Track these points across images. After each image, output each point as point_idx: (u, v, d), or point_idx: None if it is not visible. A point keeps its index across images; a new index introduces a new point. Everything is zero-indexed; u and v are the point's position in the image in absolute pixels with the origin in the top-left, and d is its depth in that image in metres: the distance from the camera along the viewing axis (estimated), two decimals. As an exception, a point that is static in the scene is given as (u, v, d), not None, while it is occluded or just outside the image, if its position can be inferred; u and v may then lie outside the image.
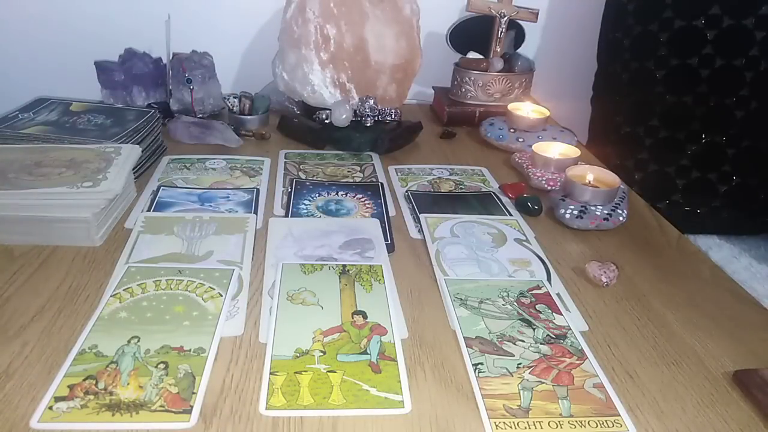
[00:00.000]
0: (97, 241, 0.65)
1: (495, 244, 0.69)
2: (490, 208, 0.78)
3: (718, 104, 1.11)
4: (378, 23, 1.00)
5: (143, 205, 0.74)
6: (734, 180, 1.16)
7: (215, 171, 0.85)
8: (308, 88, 1.00)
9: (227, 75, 1.22)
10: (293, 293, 0.56)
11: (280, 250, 0.65)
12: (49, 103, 0.91)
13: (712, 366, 0.51)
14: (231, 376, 0.47)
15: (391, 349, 0.49)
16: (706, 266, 0.68)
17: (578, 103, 1.31)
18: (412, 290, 0.60)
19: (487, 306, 0.56)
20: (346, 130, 0.95)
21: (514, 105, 1.04)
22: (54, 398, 0.43)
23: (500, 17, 1.10)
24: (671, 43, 1.10)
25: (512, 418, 0.43)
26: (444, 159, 0.96)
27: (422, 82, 1.21)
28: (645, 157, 1.18)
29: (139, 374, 0.45)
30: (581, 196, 0.75)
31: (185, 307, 0.53)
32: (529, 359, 0.49)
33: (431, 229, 0.71)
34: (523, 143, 0.98)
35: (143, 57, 1.05)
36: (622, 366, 0.50)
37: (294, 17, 0.98)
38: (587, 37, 1.26)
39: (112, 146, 0.76)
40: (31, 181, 0.66)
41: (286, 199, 0.78)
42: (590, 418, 0.44)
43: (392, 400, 0.44)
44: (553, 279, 0.63)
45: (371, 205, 0.77)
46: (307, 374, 0.46)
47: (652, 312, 0.58)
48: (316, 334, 0.51)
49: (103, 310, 0.52)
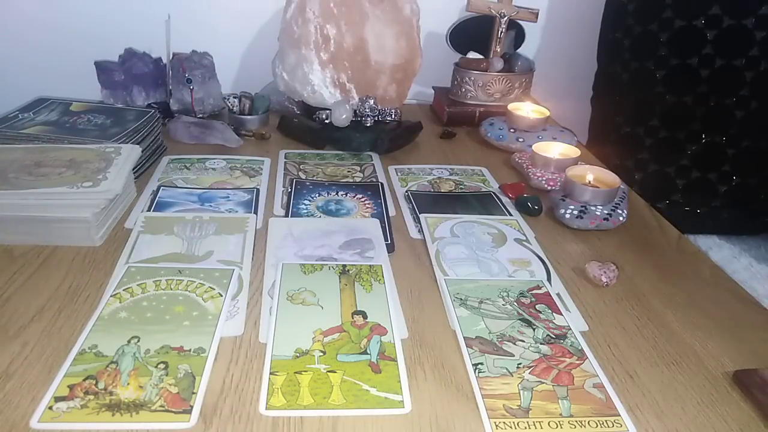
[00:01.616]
0: (97, 241, 0.65)
1: (495, 244, 0.69)
2: (490, 208, 0.78)
3: (718, 104, 1.11)
4: (378, 23, 1.00)
5: (143, 205, 0.74)
6: (734, 180, 1.16)
7: (215, 171, 0.85)
8: (308, 88, 1.00)
9: (227, 75, 1.22)
10: (293, 293, 0.56)
11: (280, 250, 0.65)
12: (49, 103, 0.91)
13: (712, 366, 0.51)
14: (231, 376, 0.47)
15: (391, 349, 0.49)
16: (706, 266, 0.68)
17: (578, 103, 1.31)
18: (412, 290, 0.60)
19: (487, 306, 0.56)
20: (346, 130, 0.95)
21: (514, 105, 1.04)
22: (54, 398, 0.43)
23: (500, 17, 1.10)
24: (671, 43, 1.10)
25: (512, 418, 0.43)
26: (444, 159, 0.96)
27: (422, 82, 1.21)
28: (645, 157, 1.18)
29: (139, 374, 0.45)
30: (581, 196, 0.75)
31: (185, 307, 0.53)
32: (529, 359, 0.49)
33: (431, 229, 0.71)
34: (523, 143, 0.98)
35: (143, 57, 1.05)
36: (622, 366, 0.50)
37: (294, 17, 0.98)
38: (587, 37, 1.26)
39: (112, 146, 0.76)
40: (31, 181, 0.66)
41: (286, 199, 0.78)
42: (590, 418, 0.44)
43: (392, 400, 0.44)
44: (553, 279, 0.63)
45: (371, 205, 0.77)
46: (307, 374, 0.46)
47: (652, 312, 0.58)
48: (316, 334, 0.51)
49: (103, 310, 0.52)
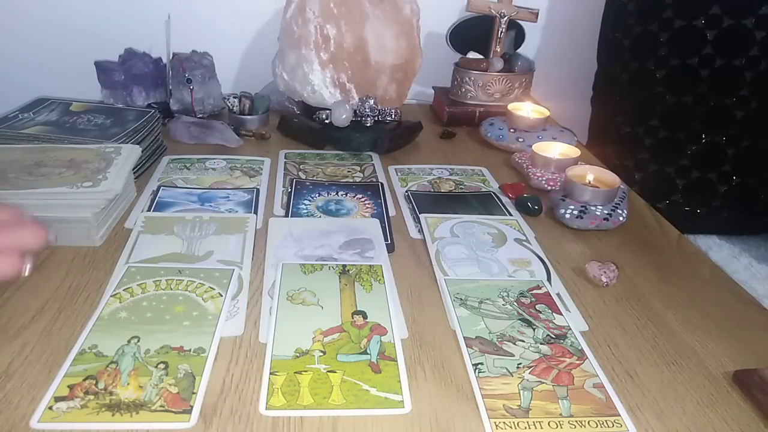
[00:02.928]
0: (97, 241, 0.65)
1: (495, 244, 0.69)
2: (490, 208, 0.78)
3: (718, 104, 1.11)
4: (378, 23, 1.00)
5: (143, 205, 0.74)
6: (734, 180, 1.16)
7: (215, 171, 0.85)
8: (308, 88, 1.00)
9: (227, 75, 1.22)
10: (293, 293, 0.56)
11: (280, 250, 0.65)
12: (49, 103, 0.91)
13: (712, 366, 0.51)
14: (231, 376, 0.47)
15: (391, 349, 0.49)
16: (706, 266, 0.68)
17: (578, 103, 1.31)
18: (412, 290, 0.60)
19: (487, 306, 0.56)
20: (346, 130, 0.95)
21: (514, 105, 1.04)
22: (54, 398, 0.43)
23: (500, 17, 1.10)
24: (671, 43, 1.10)
25: (512, 418, 0.43)
26: (444, 159, 0.96)
27: (422, 82, 1.21)
28: (645, 157, 1.18)
29: (139, 374, 0.45)
30: (581, 196, 0.75)
31: (185, 307, 0.53)
32: (529, 359, 0.49)
33: (431, 229, 0.71)
34: (523, 143, 0.98)
35: (143, 57, 1.05)
36: (622, 366, 0.50)
37: (294, 17, 0.98)
38: (587, 37, 1.26)
39: (112, 146, 0.76)
40: (31, 181, 0.66)
41: (286, 199, 0.78)
42: (590, 418, 0.44)
43: (392, 400, 0.44)
44: (553, 279, 0.63)
45: (371, 205, 0.77)
46: (307, 374, 0.46)
47: (652, 312, 0.58)
48: (316, 334, 0.51)
49: (103, 310, 0.52)
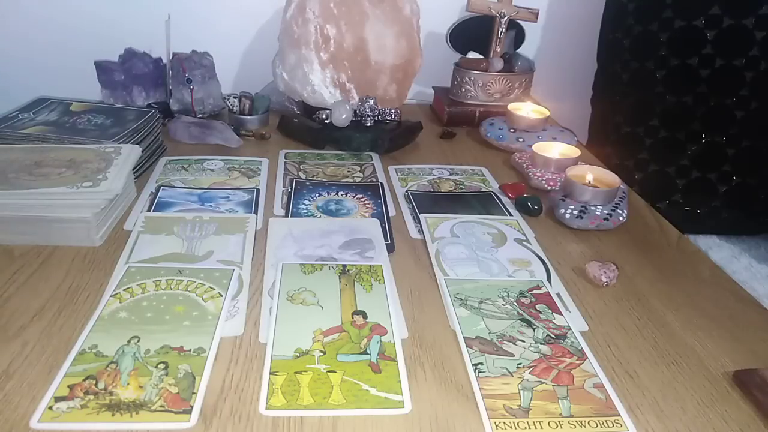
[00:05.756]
0: (97, 241, 0.65)
1: (495, 244, 0.69)
2: (490, 208, 0.78)
3: (718, 104, 1.11)
4: (378, 23, 1.00)
5: (143, 205, 0.74)
6: (734, 180, 1.16)
7: (213, 172, 0.85)
8: (308, 88, 1.00)
9: (227, 75, 1.22)
10: (293, 293, 0.56)
11: (280, 250, 0.65)
12: (49, 103, 0.91)
13: (712, 366, 0.51)
14: (231, 376, 0.47)
15: (391, 349, 0.49)
16: (706, 266, 0.68)
17: (578, 103, 1.31)
18: (412, 290, 0.60)
19: (487, 306, 0.56)
20: (346, 130, 0.95)
21: (514, 105, 1.04)
22: (54, 398, 0.43)
23: (500, 17, 1.10)
24: (671, 43, 1.10)
25: (512, 418, 0.43)
26: (444, 159, 0.96)
27: (422, 82, 1.21)
28: (645, 157, 1.18)
29: (139, 374, 0.45)
30: (581, 196, 0.75)
31: (185, 307, 0.53)
32: (529, 359, 0.49)
33: (431, 229, 0.71)
34: (523, 143, 0.98)
35: (143, 57, 1.05)
36: (622, 366, 0.50)
37: (294, 17, 0.98)
38: (587, 37, 1.26)
39: (112, 146, 0.76)
40: (31, 181, 0.66)
41: (286, 199, 0.78)
42: (590, 418, 0.44)
43: (392, 400, 0.44)
44: (553, 279, 0.63)
45: (371, 205, 0.77)
46: (307, 374, 0.46)
47: (652, 312, 0.58)
48: (316, 334, 0.51)
49: (103, 310, 0.52)
